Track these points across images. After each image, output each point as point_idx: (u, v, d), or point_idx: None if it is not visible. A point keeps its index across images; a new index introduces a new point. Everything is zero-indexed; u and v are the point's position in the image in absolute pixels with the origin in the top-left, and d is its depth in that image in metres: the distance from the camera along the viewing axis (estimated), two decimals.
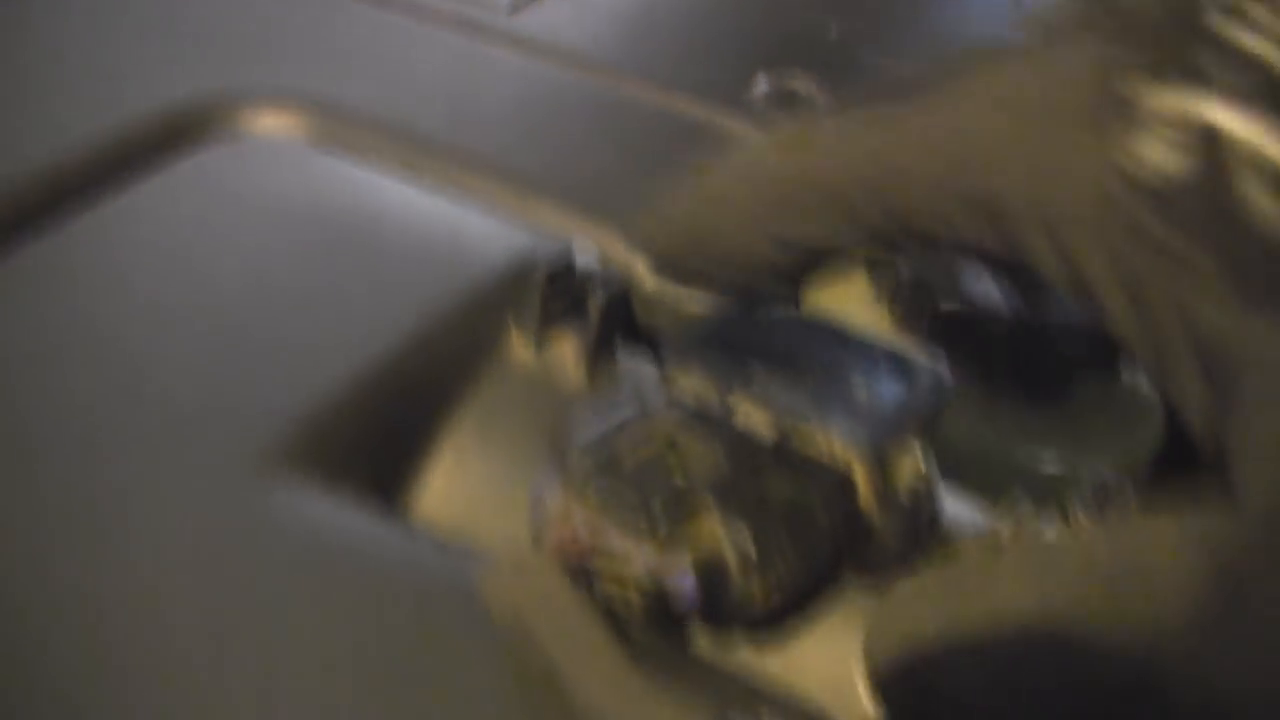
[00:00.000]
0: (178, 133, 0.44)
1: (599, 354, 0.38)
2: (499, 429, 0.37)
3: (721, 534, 0.31)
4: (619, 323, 0.38)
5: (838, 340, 0.35)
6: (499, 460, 0.36)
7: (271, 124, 0.46)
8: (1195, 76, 0.26)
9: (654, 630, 0.31)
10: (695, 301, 0.36)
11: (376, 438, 0.36)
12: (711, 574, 0.30)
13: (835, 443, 0.32)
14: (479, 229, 0.42)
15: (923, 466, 0.32)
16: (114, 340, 0.36)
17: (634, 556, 0.30)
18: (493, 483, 0.36)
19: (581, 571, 0.31)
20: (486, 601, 0.30)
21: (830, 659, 0.32)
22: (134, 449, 0.33)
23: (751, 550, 0.30)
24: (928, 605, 0.30)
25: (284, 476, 0.33)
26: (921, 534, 0.33)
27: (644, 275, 0.37)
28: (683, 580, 0.30)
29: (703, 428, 0.32)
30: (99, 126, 0.43)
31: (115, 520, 0.31)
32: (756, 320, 0.36)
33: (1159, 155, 0.26)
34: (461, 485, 0.36)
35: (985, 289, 0.38)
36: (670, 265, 0.35)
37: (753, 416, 0.33)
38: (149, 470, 0.33)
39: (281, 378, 0.36)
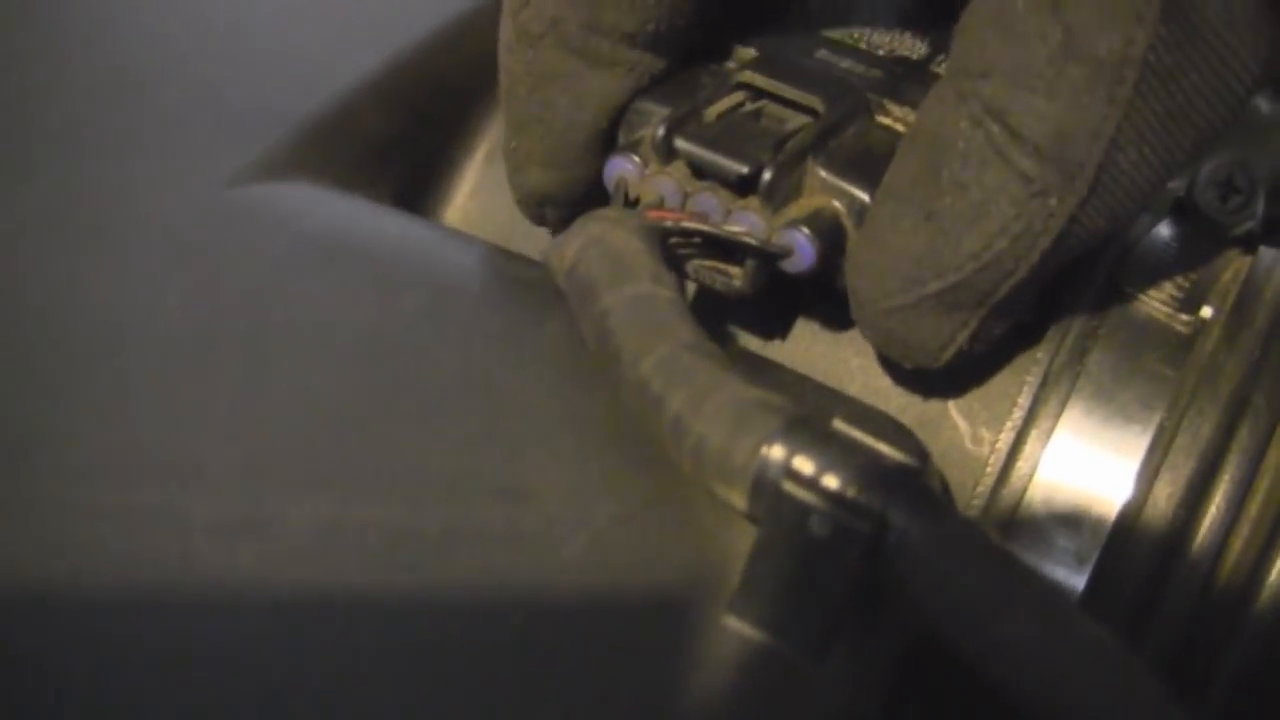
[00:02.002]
0: None
1: None
2: None
3: (831, 184, 0.27)
4: None
5: None
6: None
7: None
8: None
9: (768, 309, 0.28)
10: None
11: (395, 144, 0.32)
12: (825, 230, 0.27)
13: None
14: None
15: None
16: (110, 39, 0.33)
17: (736, 218, 0.27)
18: None
19: (672, 247, 0.27)
20: (552, 267, 0.26)
21: None
22: (127, 146, 0.30)
23: (867, 201, 0.27)
24: None
25: (289, 181, 0.30)
26: None
27: None
28: (794, 237, 0.26)
29: (790, 77, 0.29)
30: None
31: (103, 225, 0.28)
32: None
33: None
34: (491, 199, 0.33)
35: None
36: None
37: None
38: (140, 168, 0.29)
39: (295, 76, 0.32)
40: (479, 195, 0.33)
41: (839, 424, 0.23)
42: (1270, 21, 0.24)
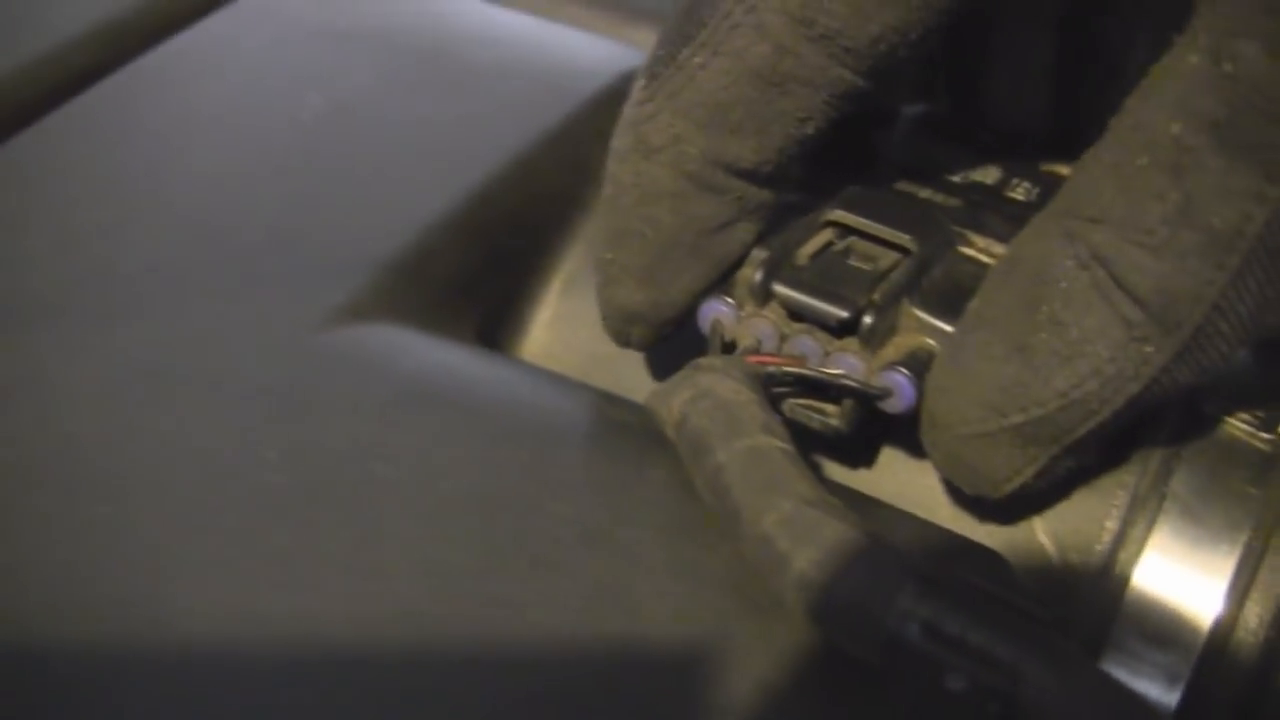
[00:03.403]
0: None
1: None
2: None
3: (926, 323, 0.27)
4: None
5: None
6: None
7: None
8: None
9: (857, 443, 0.28)
10: None
11: (474, 281, 0.32)
12: (922, 369, 0.27)
13: None
14: (576, 48, 0.38)
15: None
16: (190, 182, 0.33)
17: (834, 360, 0.27)
18: None
19: (771, 389, 0.27)
20: (660, 419, 0.26)
21: None
22: (214, 298, 0.30)
23: None
24: None
25: (378, 319, 0.30)
26: None
27: None
28: (894, 379, 0.27)
29: (876, 213, 0.29)
30: None
31: (195, 375, 0.28)
32: None
33: None
34: (570, 330, 0.33)
35: None
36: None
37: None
38: (230, 315, 0.29)
39: (370, 217, 0.32)
40: (556, 326, 0.33)
41: (963, 575, 0.23)
42: None
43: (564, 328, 0.33)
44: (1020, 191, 0.31)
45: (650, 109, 0.27)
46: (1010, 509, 0.30)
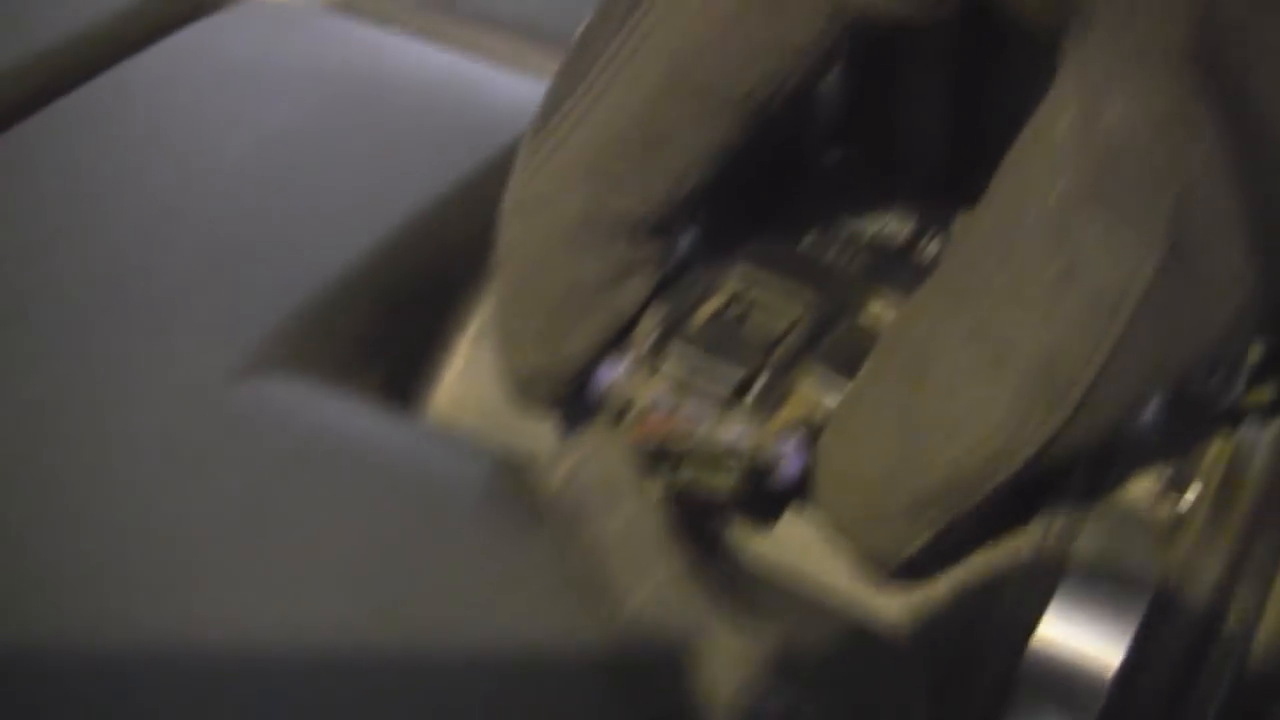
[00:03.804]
0: (193, 5, 0.41)
1: None
2: None
3: (821, 388, 0.27)
4: None
5: None
6: None
7: None
8: None
9: (752, 511, 0.28)
10: None
11: (383, 332, 0.32)
12: (815, 437, 0.27)
13: None
14: (503, 91, 0.38)
15: None
16: (102, 221, 0.33)
17: (723, 428, 0.27)
18: None
19: (663, 456, 0.27)
20: (541, 489, 0.26)
21: None
22: (122, 338, 0.30)
23: None
24: None
25: (282, 372, 0.30)
26: None
27: None
28: (784, 447, 0.27)
29: (778, 271, 0.29)
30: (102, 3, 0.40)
31: (94, 416, 0.28)
32: None
33: None
34: (481, 381, 0.33)
35: None
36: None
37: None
38: (135, 362, 0.29)
39: (285, 261, 0.32)
40: (466, 377, 0.33)
41: (833, 659, 0.23)
42: (1256, 264, 0.24)
43: (475, 379, 0.33)
44: (932, 249, 0.31)
45: (534, 166, 0.27)
46: (906, 576, 0.29)
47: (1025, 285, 0.24)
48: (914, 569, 0.29)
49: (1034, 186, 0.24)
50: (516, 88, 0.38)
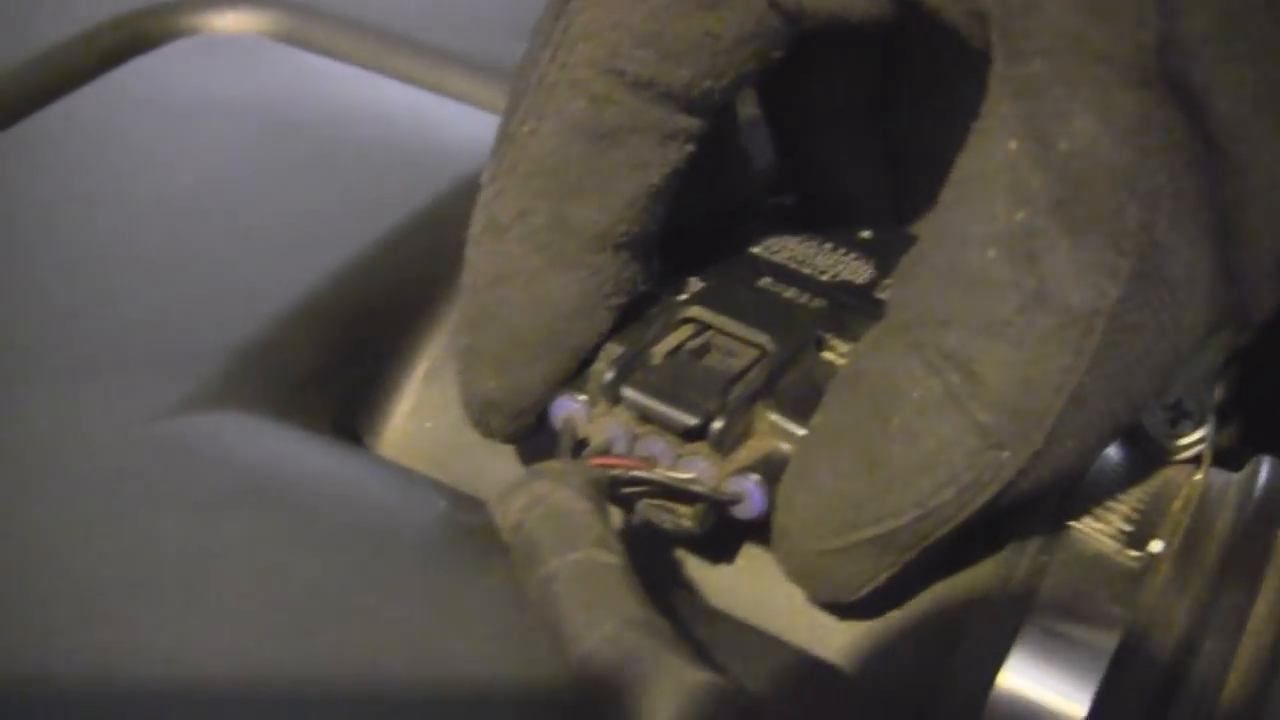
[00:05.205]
0: (139, 36, 0.40)
1: None
2: None
3: (780, 428, 0.27)
4: None
5: None
6: None
7: (235, 22, 0.41)
8: None
9: (709, 547, 0.28)
10: None
11: (332, 368, 0.31)
12: (775, 474, 0.26)
13: None
14: (456, 124, 0.38)
15: None
16: (48, 252, 0.32)
17: (681, 464, 0.26)
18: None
19: (620, 491, 0.26)
20: (495, 524, 0.25)
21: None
22: (65, 372, 0.29)
23: None
24: None
25: (229, 407, 0.29)
26: None
27: None
28: (744, 485, 0.26)
29: (736, 310, 0.29)
30: (55, 30, 0.39)
31: (36, 450, 0.27)
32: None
33: None
34: (432, 420, 0.32)
35: None
36: None
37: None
38: (79, 396, 0.29)
39: (227, 300, 0.31)
40: (418, 415, 0.32)
41: (795, 698, 0.22)
42: (1223, 278, 0.24)
43: (425, 417, 0.32)
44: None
45: (496, 187, 0.27)
46: (869, 617, 0.29)
47: (991, 312, 0.23)
48: (872, 606, 0.28)
49: (988, 211, 0.23)
50: (468, 120, 0.38)
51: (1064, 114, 0.22)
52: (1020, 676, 0.28)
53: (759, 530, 0.28)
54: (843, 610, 0.29)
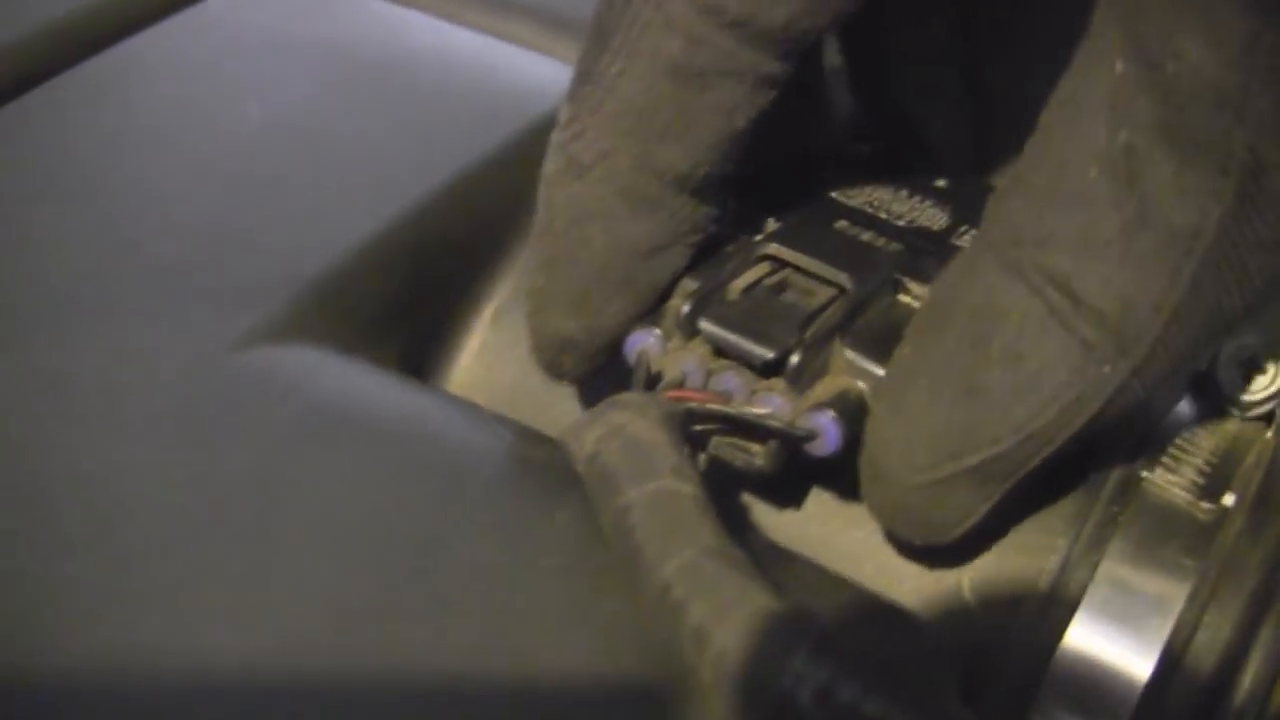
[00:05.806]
0: None
1: None
2: None
3: (857, 366, 0.26)
4: None
5: None
6: None
7: None
8: None
9: (777, 491, 0.28)
10: None
11: (401, 305, 0.31)
12: (850, 412, 0.26)
13: None
14: (524, 69, 0.37)
15: None
16: (119, 189, 0.32)
17: (760, 399, 0.26)
18: None
19: (693, 428, 0.26)
20: (569, 457, 0.25)
21: None
22: (129, 313, 0.29)
23: None
24: None
25: (297, 340, 0.29)
26: None
27: None
28: (820, 420, 0.26)
29: (814, 248, 0.28)
30: None
31: (104, 384, 0.27)
32: None
33: None
34: (499, 361, 0.32)
35: None
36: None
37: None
38: (146, 336, 0.29)
39: (297, 235, 0.31)
40: (484, 357, 0.32)
41: (870, 636, 0.22)
42: None
43: (492, 358, 0.32)
44: (968, 239, 0.30)
45: (577, 128, 0.27)
46: (941, 565, 0.29)
47: (1092, 232, 0.23)
48: (945, 555, 0.28)
49: (1091, 131, 0.23)
50: (538, 68, 0.37)
51: (1171, 36, 0.22)
52: (1088, 631, 0.27)
53: (827, 473, 0.28)
54: (914, 555, 0.29)
